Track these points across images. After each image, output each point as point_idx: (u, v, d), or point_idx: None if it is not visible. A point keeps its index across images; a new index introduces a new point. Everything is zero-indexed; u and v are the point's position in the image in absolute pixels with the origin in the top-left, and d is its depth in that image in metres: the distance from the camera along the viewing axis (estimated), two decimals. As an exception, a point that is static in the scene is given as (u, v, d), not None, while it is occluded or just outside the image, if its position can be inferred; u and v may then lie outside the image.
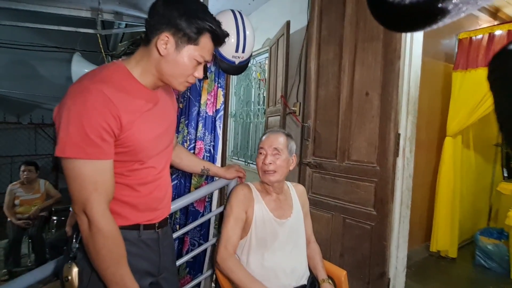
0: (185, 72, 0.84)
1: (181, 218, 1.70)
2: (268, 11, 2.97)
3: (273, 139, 1.25)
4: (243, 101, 3.85)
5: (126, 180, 0.84)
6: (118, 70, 0.82)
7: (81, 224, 0.73)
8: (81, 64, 3.41)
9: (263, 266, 1.19)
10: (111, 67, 0.83)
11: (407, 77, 1.58)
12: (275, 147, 1.23)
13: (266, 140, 1.27)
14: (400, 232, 1.64)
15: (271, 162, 1.21)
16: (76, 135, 0.70)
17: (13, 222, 2.83)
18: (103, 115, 0.72)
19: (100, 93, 0.73)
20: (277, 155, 1.23)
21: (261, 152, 1.25)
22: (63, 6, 2.13)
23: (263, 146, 1.25)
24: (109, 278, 0.75)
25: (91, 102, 0.71)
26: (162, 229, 0.95)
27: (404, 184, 1.62)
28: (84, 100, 0.71)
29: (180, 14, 0.79)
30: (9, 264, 2.76)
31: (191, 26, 0.80)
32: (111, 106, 0.74)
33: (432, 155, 2.79)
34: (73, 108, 0.71)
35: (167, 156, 0.98)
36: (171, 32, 0.80)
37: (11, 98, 4.41)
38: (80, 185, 0.72)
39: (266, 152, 1.23)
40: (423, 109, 2.57)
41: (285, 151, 1.25)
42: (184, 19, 0.79)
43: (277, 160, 1.22)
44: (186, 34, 0.80)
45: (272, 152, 1.23)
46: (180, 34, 0.80)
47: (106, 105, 0.73)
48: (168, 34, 0.80)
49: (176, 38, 0.80)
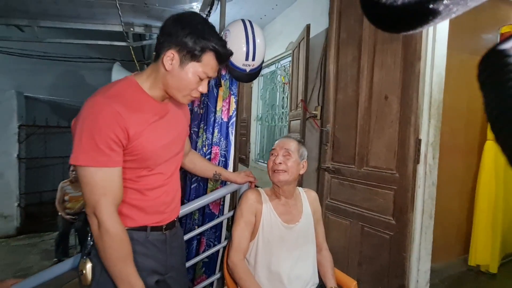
0: (188, 86, 0.90)
1: (199, 219, 1.78)
2: (291, 15, 2.97)
3: (284, 142, 1.29)
4: (268, 105, 3.88)
5: (135, 185, 0.92)
6: (130, 84, 0.91)
7: (92, 224, 0.82)
8: (120, 72, 3.73)
9: (269, 270, 1.21)
10: (123, 82, 0.91)
11: (429, 79, 1.48)
12: (286, 148, 1.26)
13: (278, 143, 1.31)
14: (422, 244, 1.54)
15: (281, 162, 1.24)
16: (88, 145, 0.79)
17: (62, 216, 3.17)
18: (112, 127, 0.81)
19: (110, 107, 0.81)
20: (287, 156, 1.25)
21: (272, 153, 1.29)
22: (100, 23, 2.36)
23: (275, 147, 1.29)
24: (116, 274, 0.83)
25: (102, 116, 0.80)
26: (170, 231, 1.02)
27: (426, 192, 1.52)
28: (96, 114, 0.80)
29: (186, 33, 0.85)
30: (58, 254, 3.11)
31: (195, 45, 0.86)
32: (119, 119, 0.82)
33: (472, 160, 2.56)
34: (86, 121, 0.80)
35: (176, 163, 1.05)
36: (177, 49, 0.86)
37: (63, 104, 4.95)
38: (91, 190, 0.80)
39: (277, 153, 1.27)
40: (461, 111, 2.37)
41: (296, 154, 1.27)
42: (190, 38, 0.85)
43: (287, 161, 1.24)
44: (190, 51, 0.86)
45: (283, 153, 1.26)
46: (185, 52, 0.86)
47: (115, 118, 0.81)
48: (174, 51, 0.86)
49: (180, 55, 0.87)
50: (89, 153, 0.79)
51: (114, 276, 0.83)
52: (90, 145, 0.79)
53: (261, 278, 1.20)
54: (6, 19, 2.24)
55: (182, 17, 0.89)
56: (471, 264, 2.42)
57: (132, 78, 0.93)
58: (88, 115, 0.81)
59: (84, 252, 0.90)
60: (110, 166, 0.82)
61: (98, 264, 0.87)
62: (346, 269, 1.80)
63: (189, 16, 0.90)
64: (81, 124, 0.80)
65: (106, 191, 0.81)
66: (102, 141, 0.79)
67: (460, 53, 2.19)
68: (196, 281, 1.67)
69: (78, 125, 0.81)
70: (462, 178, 2.50)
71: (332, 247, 1.38)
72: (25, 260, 3.13)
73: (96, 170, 0.80)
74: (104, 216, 0.80)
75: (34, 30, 2.33)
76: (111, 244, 0.81)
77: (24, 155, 4.15)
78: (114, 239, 0.81)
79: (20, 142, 4.07)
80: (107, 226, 0.80)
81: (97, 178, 0.80)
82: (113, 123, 0.81)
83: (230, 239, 1.26)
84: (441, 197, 2.23)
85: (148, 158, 0.91)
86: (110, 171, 0.82)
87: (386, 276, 1.60)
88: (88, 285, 0.87)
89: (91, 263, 0.88)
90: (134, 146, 0.86)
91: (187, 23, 0.86)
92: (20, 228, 4.00)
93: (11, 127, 4.02)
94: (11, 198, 3.97)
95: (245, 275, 1.17)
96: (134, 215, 0.93)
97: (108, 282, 0.86)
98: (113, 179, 0.83)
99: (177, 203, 1.07)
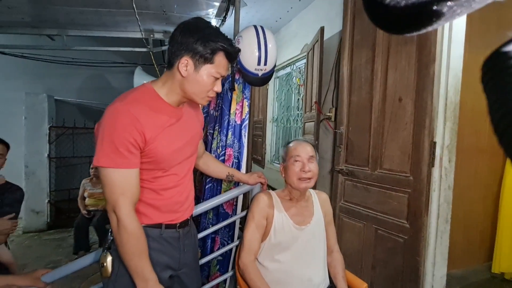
0: (205, 88, 0.96)
1: (213, 219, 1.84)
2: (306, 17, 2.98)
3: (306, 147, 1.28)
4: (284, 106, 3.90)
5: (151, 185, 0.98)
6: (147, 91, 0.97)
7: (111, 221, 0.90)
8: (141, 76, 3.90)
9: (280, 270, 1.23)
10: (140, 89, 0.98)
11: (445, 81, 1.45)
12: (311, 155, 1.26)
13: (300, 148, 1.28)
14: (438, 248, 1.51)
15: (310, 170, 1.24)
16: (108, 148, 0.86)
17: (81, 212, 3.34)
18: (130, 131, 0.87)
19: (128, 113, 0.88)
20: (312, 162, 1.26)
21: (297, 159, 1.26)
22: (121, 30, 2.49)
23: (299, 154, 1.26)
24: (132, 268, 0.89)
25: (120, 121, 0.87)
26: (183, 229, 1.08)
27: (442, 196, 1.49)
28: (115, 119, 0.87)
29: (195, 39, 0.91)
30: (76, 248, 3.25)
31: (206, 48, 0.92)
32: (137, 124, 0.88)
33: (496, 164, 2.44)
34: (106, 126, 0.88)
35: (189, 165, 1.10)
36: (190, 55, 0.92)
37: (90, 107, 5.23)
38: (111, 189, 0.88)
39: (303, 160, 1.25)
40: (484, 112, 2.26)
41: (316, 157, 1.29)
42: (199, 43, 0.91)
43: (313, 168, 1.25)
44: (202, 55, 0.92)
45: (308, 160, 1.25)
46: (197, 56, 0.92)
47: (133, 123, 0.88)
48: (187, 57, 0.92)
49: (194, 60, 0.92)
50: (109, 155, 0.86)
51: (130, 269, 0.90)
52: (111, 148, 0.86)
53: (272, 278, 1.23)
54: (39, 29, 2.43)
55: (189, 25, 0.94)
56: (494, 271, 2.31)
57: (149, 85, 0.99)
58: (108, 120, 0.88)
59: (105, 247, 0.98)
60: (129, 167, 0.89)
61: (117, 258, 0.94)
62: (360, 272, 1.79)
63: (194, 22, 0.95)
64: (102, 129, 0.87)
65: (124, 191, 0.88)
66: (121, 144, 0.86)
67: (483, 52, 2.08)
68: (211, 278, 1.73)
69: (100, 129, 0.88)
70: (486, 181, 2.39)
71: (345, 249, 1.39)
72: (55, 253, 3.35)
73: (115, 171, 0.87)
74: (122, 214, 0.87)
75: (63, 38, 2.51)
76: (128, 240, 0.88)
77: (54, 154, 4.41)
78: (131, 235, 0.88)
79: (50, 142, 4.33)
80: (125, 223, 0.87)
81: (116, 178, 0.87)
82: (131, 128, 0.87)
83: (241, 240, 1.30)
84: (464, 202, 2.15)
85: (162, 161, 0.97)
86: (128, 172, 0.89)
87: (399, 280, 1.58)
88: (108, 276, 0.94)
89: (111, 256, 0.95)
90: (150, 149, 0.92)
91: (194, 30, 0.92)
92: (50, 223, 4.26)
93: (43, 128, 4.29)
94: (42, 195, 4.24)
95: (255, 276, 1.20)
96: (150, 213, 0.99)
97: (125, 275, 0.93)
98: (131, 180, 0.90)
99: (191, 203, 1.13)
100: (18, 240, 3.73)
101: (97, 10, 2.04)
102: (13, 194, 1.58)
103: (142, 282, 0.89)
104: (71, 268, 1.13)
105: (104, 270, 0.94)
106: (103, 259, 0.95)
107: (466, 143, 2.10)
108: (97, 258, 1.12)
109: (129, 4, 1.97)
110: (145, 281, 0.89)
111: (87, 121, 4.93)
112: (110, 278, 0.94)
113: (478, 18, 1.98)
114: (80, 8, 1.96)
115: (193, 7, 2.18)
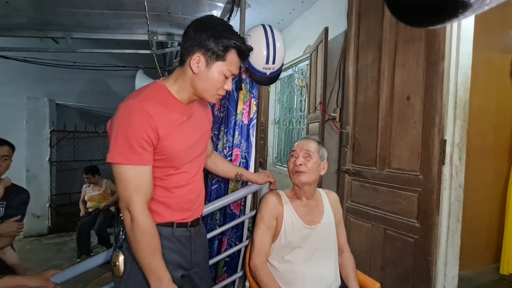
0: (215, 85, 0.95)
1: (220, 219, 1.82)
2: (309, 18, 2.99)
3: (304, 143, 1.29)
4: (286, 108, 3.89)
5: (163, 183, 0.97)
6: (158, 89, 0.96)
7: (125, 219, 0.88)
8: (143, 79, 3.90)
9: (291, 271, 1.22)
10: (153, 86, 0.97)
11: (454, 79, 1.45)
12: (306, 149, 1.26)
13: (297, 144, 1.31)
14: (449, 248, 1.49)
15: (301, 163, 1.24)
16: (123, 145, 0.85)
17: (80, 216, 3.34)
18: (144, 129, 0.86)
19: (142, 109, 0.87)
20: (308, 157, 1.26)
21: (292, 155, 1.30)
22: (125, 32, 2.50)
23: (295, 149, 1.30)
24: (146, 266, 0.87)
25: (135, 118, 0.86)
26: (194, 228, 1.06)
27: (452, 195, 1.48)
28: (129, 116, 0.86)
29: (208, 36, 0.90)
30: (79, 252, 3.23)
31: (218, 45, 0.91)
32: (150, 121, 0.87)
33: (502, 164, 2.43)
34: (120, 123, 0.86)
35: (200, 163, 1.09)
36: (202, 52, 0.91)
37: (90, 110, 5.22)
38: (125, 186, 0.86)
39: (297, 154, 1.27)
40: (490, 111, 2.27)
41: (316, 155, 1.27)
42: (212, 40, 0.90)
43: (307, 162, 1.25)
44: (214, 52, 0.91)
45: (303, 154, 1.26)
46: (210, 53, 0.91)
47: (147, 120, 0.87)
48: (199, 54, 0.91)
49: (206, 57, 0.92)
50: (123, 152, 0.85)
51: (144, 268, 0.88)
52: (125, 145, 0.85)
53: (283, 279, 1.21)
54: (44, 32, 2.43)
55: (202, 21, 0.94)
56: (503, 272, 2.28)
57: (160, 83, 0.98)
58: (122, 117, 0.87)
59: (117, 246, 0.96)
60: (143, 164, 0.87)
61: (129, 257, 0.92)
62: (369, 272, 1.76)
63: (208, 19, 0.95)
64: (116, 126, 0.86)
65: (138, 188, 0.87)
66: (135, 141, 0.85)
67: (487, 51, 2.10)
68: (218, 279, 1.70)
69: (113, 126, 0.87)
70: (492, 182, 2.38)
71: (353, 250, 1.37)
72: (56, 257, 3.31)
73: (130, 168, 0.86)
74: (136, 212, 0.86)
75: (68, 41, 2.51)
76: (142, 238, 0.86)
77: (55, 158, 4.39)
78: (145, 233, 0.86)
79: (51, 146, 4.32)
80: (139, 221, 0.85)
81: (131, 175, 0.86)
82: (145, 124, 0.86)
83: (251, 242, 1.28)
84: (470, 202, 2.13)
85: (174, 158, 0.95)
86: (142, 169, 0.88)
87: (410, 281, 1.56)
88: (120, 276, 0.92)
89: (123, 255, 0.93)
90: (162, 146, 0.91)
91: (207, 27, 0.91)
92: (51, 227, 4.23)
93: (44, 132, 4.28)
94: (43, 199, 4.21)
95: (267, 278, 1.18)
96: (162, 211, 0.97)
97: (138, 274, 0.91)
98: (145, 177, 0.89)
99: (201, 202, 1.11)
100: (19, 244, 3.69)
101: (102, 12, 2.04)
102: (19, 196, 1.56)
103: (156, 281, 0.87)
104: (81, 269, 1.10)
105: (116, 269, 0.92)
106: (115, 258, 0.93)
107: (472, 143, 2.09)
108: (108, 257, 1.10)
109: (134, 6, 1.97)
110: (159, 279, 0.87)
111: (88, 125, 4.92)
112: (122, 277, 0.92)
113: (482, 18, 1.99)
114: (87, 10, 1.97)
115: (198, 8, 2.18)
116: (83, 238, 3.24)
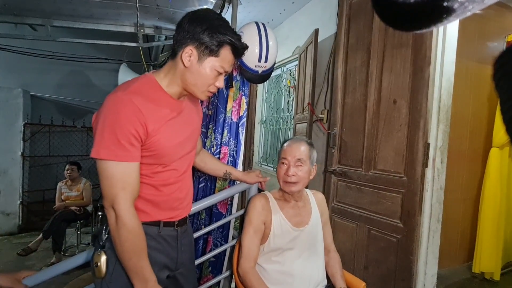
0: (206, 81, 0.92)
1: (206, 219, 1.78)
2: (299, 19, 3.01)
3: (295, 149, 1.23)
4: (273, 108, 3.90)
5: (150, 181, 0.93)
6: (148, 82, 0.92)
7: (109, 217, 0.83)
8: (126, 73, 3.75)
9: (280, 272, 1.21)
10: (143, 79, 0.93)
11: (438, 84, 1.50)
12: (298, 158, 1.21)
13: (288, 149, 1.24)
14: (430, 248, 1.54)
15: (294, 174, 1.20)
16: (109, 140, 0.80)
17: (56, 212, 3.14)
18: (133, 123, 0.82)
19: (131, 103, 0.83)
20: (300, 166, 1.21)
21: (283, 162, 1.23)
22: (111, 23, 2.39)
23: (286, 156, 1.23)
24: (130, 268, 0.83)
25: (123, 111, 0.81)
26: (181, 228, 1.03)
27: (434, 196, 1.53)
28: (117, 110, 0.82)
29: (202, 29, 0.87)
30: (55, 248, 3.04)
31: (213, 40, 0.88)
32: (139, 115, 0.83)
33: (476, 167, 2.56)
34: (108, 116, 0.81)
35: (189, 160, 1.06)
36: (195, 45, 0.88)
37: (69, 104, 4.98)
38: (110, 183, 0.81)
39: (289, 163, 1.21)
40: (467, 117, 2.38)
41: (308, 161, 1.23)
42: (207, 33, 0.87)
43: (299, 172, 1.20)
44: (208, 47, 0.88)
45: (295, 163, 1.21)
46: (203, 47, 0.88)
47: (135, 114, 0.82)
48: (192, 47, 0.88)
49: (199, 51, 0.88)
50: (110, 147, 0.80)
51: (129, 269, 0.84)
52: (112, 140, 0.80)
53: (272, 280, 1.20)
54: (21, 18, 2.27)
55: (198, 14, 0.91)
56: (475, 271, 2.40)
57: (151, 76, 0.94)
58: (110, 110, 0.82)
59: (99, 245, 0.91)
60: (130, 161, 0.83)
61: (112, 257, 0.88)
62: (352, 272, 1.78)
63: (204, 12, 0.92)
64: (103, 119, 0.81)
65: (125, 185, 0.82)
66: (123, 136, 0.81)
67: (466, 61, 2.21)
68: (202, 280, 1.67)
69: (99, 120, 0.82)
70: (466, 184, 2.50)
71: (338, 249, 1.39)
72: (27, 257, 3.12)
73: (116, 164, 0.81)
74: (122, 210, 0.81)
75: (47, 29, 2.36)
76: (128, 238, 0.82)
77: (28, 153, 4.15)
78: (131, 233, 0.82)
79: (24, 140, 4.08)
80: (125, 220, 0.81)
81: (117, 172, 0.81)
82: (133, 119, 0.82)
83: (239, 245, 1.25)
84: (446, 203, 2.23)
85: (163, 155, 0.92)
86: (129, 166, 0.83)
87: (392, 280, 1.60)
88: (102, 277, 0.88)
89: (105, 255, 0.88)
90: (151, 142, 0.87)
91: (203, 19, 0.88)
92: (22, 225, 3.99)
93: (17, 125, 4.04)
94: (13, 195, 3.97)
95: (257, 282, 1.15)
96: (149, 210, 0.93)
97: (122, 275, 0.86)
98: (132, 174, 0.84)
99: (190, 201, 1.08)
100: (-14, 244, 3.46)
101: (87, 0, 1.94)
102: None
103: (141, 283, 0.83)
104: (58, 270, 1.04)
105: (97, 270, 0.87)
106: (96, 258, 0.88)
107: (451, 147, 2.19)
108: (88, 258, 1.04)
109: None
110: (144, 282, 0.83)
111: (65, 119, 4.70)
112: (104, 278, 0.88)
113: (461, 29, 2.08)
114: (68, -4, 1.86)
115: (188, 2, 2.13)
116: (57, 231, 3.04)
